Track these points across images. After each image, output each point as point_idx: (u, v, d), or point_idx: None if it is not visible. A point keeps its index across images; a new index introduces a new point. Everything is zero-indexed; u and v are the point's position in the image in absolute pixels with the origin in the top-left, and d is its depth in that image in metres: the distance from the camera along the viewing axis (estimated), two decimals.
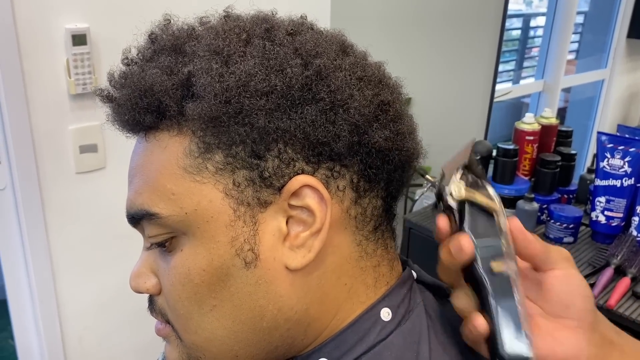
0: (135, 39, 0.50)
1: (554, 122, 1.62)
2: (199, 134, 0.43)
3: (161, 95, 0.43)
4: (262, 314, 0.45)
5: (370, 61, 0.49)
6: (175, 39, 0.47)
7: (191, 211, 0.44)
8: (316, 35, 0.47)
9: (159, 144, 0.45)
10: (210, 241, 0.44)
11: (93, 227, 1.65)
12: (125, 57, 0.49)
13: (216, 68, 0.43)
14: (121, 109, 0.46)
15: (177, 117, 0.44)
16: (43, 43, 1.46)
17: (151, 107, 0.44)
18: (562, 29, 2.07)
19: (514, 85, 2.40)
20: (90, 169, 1.62)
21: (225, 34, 0.45)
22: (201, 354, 0.48)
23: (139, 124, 0.46)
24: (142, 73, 0.45)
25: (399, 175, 0.49)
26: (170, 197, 0.44)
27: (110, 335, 1.79)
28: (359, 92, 0.45)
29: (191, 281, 0.45)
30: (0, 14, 1.37)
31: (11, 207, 1.55)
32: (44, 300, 1.64)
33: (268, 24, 0.46)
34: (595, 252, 1.42)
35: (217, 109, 0.42)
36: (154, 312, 0.50)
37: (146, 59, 0.47)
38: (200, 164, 0.43)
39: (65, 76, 1.50)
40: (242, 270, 0.44)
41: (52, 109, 1.52)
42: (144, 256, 0.50)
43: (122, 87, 0.46)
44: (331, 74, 0.44)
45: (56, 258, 1.64)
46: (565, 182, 1.61)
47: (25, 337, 1.70)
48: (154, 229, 0.46)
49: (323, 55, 0.45)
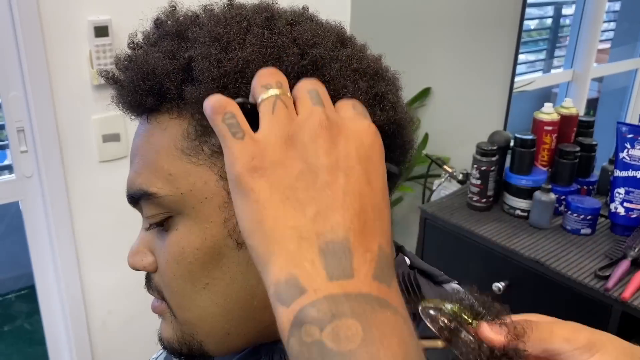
0: (141, 24, 0.51)
1: (574, 112, 1.60)
2: (197, 117, 0.45)
3: (162, 79, 0.45)
4: (253, 293, 0.47)
5: (368, 54, 0.50)
6: (179, 25, 0.48)
7: (187, 192, 0.46)
8: (315, 26, 0.48)
9: (160, 126, 0.47)
10: (204, 221, 0.46)
11: (116, 214, 1.69)
12: (131, 41, 0.51)
13: (215, 54, 0.44)
14: (125, 91, 0.48)
15: (177, 100, 0.46)
16: (66, 35, 1.50)
17: (153, 89, 0.46)
18: (593, 17, 2.03)
19: (545, 74, 2.36)
20: (113, 157, 1.66)
21: (226, 21, 0.46)
22: (194, 331, 0.50)
23: (141, 106, 0.48)
24: (145, 57, 0.47)
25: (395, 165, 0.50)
26: (168, 177, 0.46)
27: (133, 319, 1.84)
28: (352, 84, 0.45)
29: (185, 259, 0.47)
30: (25, 6, 1.41)
31: (37, 194, 1.60)
32: (70, 286, 1.69)
33: (268, 13, 0.47)
34: (613, 244, 1.40)
35: (214, 93, 0.44)
36: (151, 289, 0.52)
37: (151, 44, 0.49)
38: (197, 146, 0.45)
39: (88, 67, 1.54)
40: (234, 250, 0.46)
41: (75, 99, 1.56)
42: (142, 235, 0.52)
43: (127, 70, 0.48)
44: (326, 65, 0.45)
45: (81, 244, 1.69)
46: (585, 173, 1.59)
47: (52, 320, 1.76)
48: (151, 209, 0.48)
49: (320, 46, 0.45)
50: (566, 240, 1.43)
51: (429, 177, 1.88)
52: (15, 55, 1.46)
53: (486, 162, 1.53)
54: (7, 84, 1.48)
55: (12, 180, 1.57)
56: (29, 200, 1.60)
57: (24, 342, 2.64)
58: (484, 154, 1.53)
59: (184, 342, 0.51)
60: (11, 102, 1.50)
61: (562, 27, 2.38)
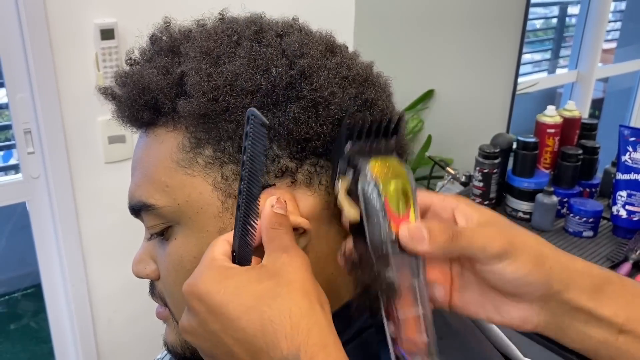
0: (137, 41, 0.53)
1: (577, 115, 1.61)
2: (191, 129, 0.46)
3: (157, 94, 0.47)
4: None
5: (358, 61, 0.51)
6: (172, 41, 0.50)
7: (183, 202, 0.47)
8: (303, 36, 0.49)
9: (157, 139, 0.49)
10: (201, 231, 0.47)
11: (121, 215, 1.69)
12: (129, 58, 0.52)
13: (205, 68, 0.45)
14: (122, 106, 0.50)
15: (171, 114, 0.47)
16: (73, 37, 1.52)
17: (148, 104, 0.48)
18: (597, 17, 2.02)
19: (550, 75, 2.35)
20: (118, 159, 1.68)
21: (217, 36, 0.48)
22: None
23: (138, 120, 0.49)
24: (141, 73, 0.48)
25: None
26: (165, 189, 0.48)
27: (137, 318, 1.85)
28: (341, 90, 0.46)
29: (183, 267, 0.48)
30: (33, 9, 1.43)
31: (44, 195, 1.62)
32: (76, 284, 1.71)
33: (257, 26, 0.49)
34: (615, 246, 1.41)
35: (205, 106, 0.45)
36: (154, 296, 0.54)
37: (146, 60, 0.51)
38: (191, 158, 0.47)
39: (94, 69, 1.56)
40: None
41: (81, 101, 1.57)
42: (145, 244, 0.54)
43: (124, 86, 0.50)
44: (314, 73, 0.46)
45: (87, 244, 1.70)
46: (587, 175, 1.59)
47: (58, 319, 1.78)
48: (151, 219, 0.49)
49: (308, 56, 0.47)
50: (568, 243, 1.43)
51: (432, 178, 1.89)
52: (22, 58, 1.48)
53: (489, 164, 1.54)
54: (15, 85, 1.50)
55: (19, 181, 1.59)
56: (36, 201, 1.62)
57: (30, 341, 2.67)
58: (487, 157, 1.54)
59: (187, 347, 0.52)
60: (18, 103, 1.51)
61: (568, 27, 2.37)
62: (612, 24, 2.32)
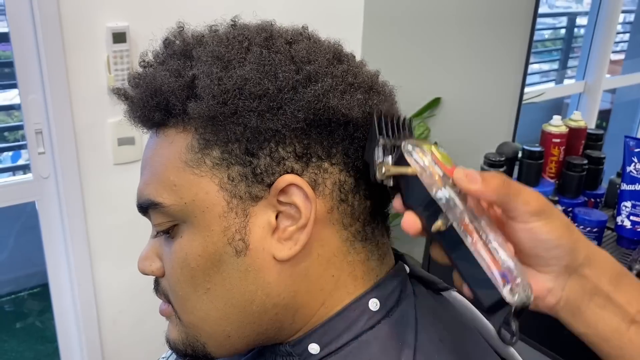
0: (150, 45, 0.55)
1: (583, 125, 1.61)
2: (200, 131, 0.48)
3: (168, 95, 0.48)
4: (251, 298, 0.49)
5: (365, 69, 0.53)
6: (185, 45, 0.51)
7: (189, 201, 0.48)
8: (312, 44, 0.50)
9: (167, 139, 0.50)
10: (206, 230, 0.49)
11: (129, 216, 1.72)
12: (142, 60, 0.54)
13: (216, 72, 0.47)
14: (134, 107, 0.51)
15: (182, 115, 0.49)
16: (85, 40, 1.54)
17: (160, 105, 0.49)
18: (606, 29, 2.02)
19: (556, 85, 2.36)
20: (127, 160, 1.70)
21: (228, 41, 0.49)
22: (197, 333, 0.53)
23: (149, 121, 0.51)
24: (154, 75, 0.50)
25: None
26: (172, 188, 0.49)
27: (143, 319, 1.87)
28: (347, 96, 0.48)
29: (188, 265, 0.50)
30: (46, 12, 1.45)
31: (53, 195, 1.64)
32: (82, 285, 1.72)
33: (267, 33, 0.50)
34: (619, 257, 1.41)
35: (214, 109, 0.46)
36: (159, 293, 0.56)
37: (159, 62, 0.52)
38: (199, 159, 0.48)
39: (106, 72, 1.58)
40: (233, 257, 0.48)
41: (92, 103, 1.60)
42: (151, 242, 0.55)
43: (137, 87, 0.51)
44: (320, 79, 0.47)
45: (94, 245, 1.72)
46: (592, 185, 1.60)
47: (64, 318, 1.79)
48: (158, 217, 0.51)
49: (315, 62, 0.48)
50: None
51: None
52: (35, 59, 1.51)
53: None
54: (27, 86, 1.52)
55: (29, 181, 1.61)
56: (45, 201, 1.64)
57: (35, 340, 2.68)
58: (492, 165, 1.54)
59: (189, 344, 0.54)
60: (30, 104, 1.54)
61: (576, 38, 2.37)
62: (621, 36, 2.32)
